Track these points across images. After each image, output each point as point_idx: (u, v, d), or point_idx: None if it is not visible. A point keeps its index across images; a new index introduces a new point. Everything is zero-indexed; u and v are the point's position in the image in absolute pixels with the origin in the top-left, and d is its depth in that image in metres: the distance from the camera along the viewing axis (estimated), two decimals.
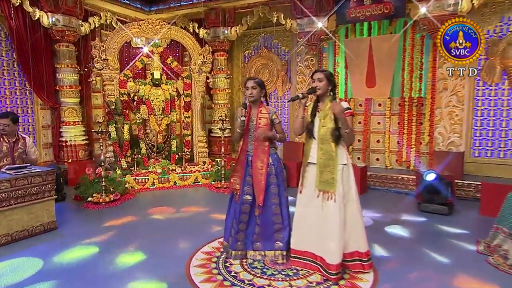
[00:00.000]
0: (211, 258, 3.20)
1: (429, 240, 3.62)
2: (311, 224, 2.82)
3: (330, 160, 2.70)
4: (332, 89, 2.83)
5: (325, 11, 6.07)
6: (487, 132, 5.50)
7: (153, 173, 5.91)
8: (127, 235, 3.80)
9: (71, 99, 6.29)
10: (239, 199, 3.16)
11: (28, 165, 3.92)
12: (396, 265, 3.05)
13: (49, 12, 5.85)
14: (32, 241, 3.58)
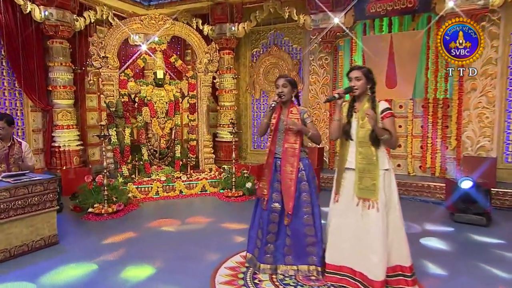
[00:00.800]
0: (237, 274, 3.10)
1: (474, 252, 3.56)
2: (349, 236, 2.75)
3: (371, 165, 2.64)
4: (371, 87, 2.78)
5: (342, 5, 6.08)
6: None
7: (157, 181, 5.81)
8: (139, 250, 3.69)
9: (64, 101, 6.19)
10: (266, 207, 3.10)
11: (26, 173, 3.83)
12: (443, 281, 2.98)
13: (41, 5, 5.76)
14: (33, 258, 3.46)
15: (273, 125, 3.10)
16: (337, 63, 6.66)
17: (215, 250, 3.65)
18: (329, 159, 6.80)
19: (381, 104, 2.69)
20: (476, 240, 3.90)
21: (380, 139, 2.59)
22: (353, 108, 2.80)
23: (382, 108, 2.69)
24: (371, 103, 2.71)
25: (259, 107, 7.63)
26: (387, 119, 2.64)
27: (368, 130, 2.65)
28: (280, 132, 3.10)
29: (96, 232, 4.21)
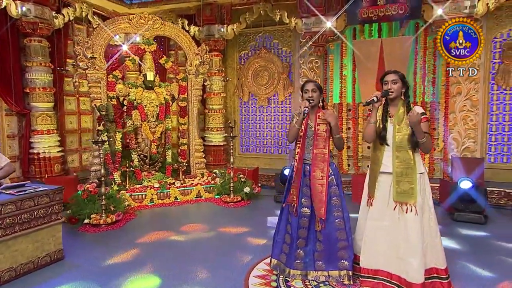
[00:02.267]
0: (269, 282, 3.11)
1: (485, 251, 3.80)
2: (386, 239, 2.85)
3: (409, 169, 2.76)
4: (405, 91, 2.90)
5: (334, 10, 6.25)
6: (502, 137, 5.96)
7: (150, 188, 5.65)
8: (153, 262, 3.57)
9: (44, 104, 5.87)
10: (297, 213, 3.13)
11: (27, 183, 3.60)
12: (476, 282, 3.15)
13: (18, 0, 5.44)
14: (40, 277, 3.25)
15: (302, 131, 3.14)
16: (327, 66, 6.83)
17: (237, 258, 3.63)
18: None
19: (416, 108, 2.81)
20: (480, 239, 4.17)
21: (420, 141, 2.70)
22: (387, 113, 2.90)
23: (418, 113, 2.81)
24: (406, 108, 2.82)
25: (248, 110, 7.63)
26: (424, 123, 2.77)
27: (406, 134, 2.76)
28: (309, 138, 3.14)
29: (101, 245, 4.02)
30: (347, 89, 6.72)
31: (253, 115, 7.60)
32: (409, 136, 2.76)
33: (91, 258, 3.65)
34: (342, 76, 6.73)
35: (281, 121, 7.36)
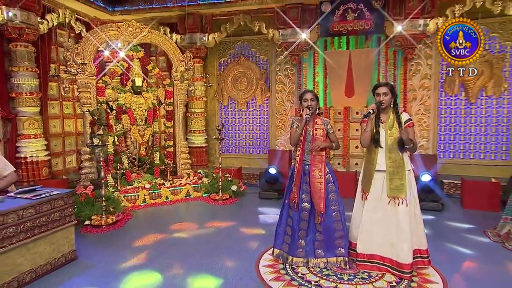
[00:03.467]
0: (278, 270, 3.32)
1: (446, 234, 4.27)
2: (380, 228, 3.16)
3: (399, 167, 3.10)
4: (394, 100, 3.23)
5: (308, 23, 6.59)
6: (449, 136, 6.63)
7: (142, 188, 5.62)
8: (163, 257, 3.64)
9: (31, 108, 5.64)
10: (298, 207, 3.37)
11: (38, 187, 3.52)
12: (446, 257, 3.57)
13: (4, 5, 5.20)
14: (58, 277, 3.22)
15: (301, 135, 3.37)
16: (301, 73, 7.15)
17: (239, 251, 3.80)
18: None
19: (404, 115, 3.16)
20: (443, 224, 4.66)
21: (408, 147, 3.05)
22: (379, 120, 3.21)
23: (405, 119, 3.16)
24: (395, 115, 3.16)
25: (227, 113, 7.77)
26: (410, 128, 3.12)
27: (396, 139, 3.09)
28: (308, 142, 3.39)
29: (107, 245, 4.01)
30: (319, 94, 7.07)
31: (232, 118, 7.75)
32: (398, 140, 3.09)
33: (103, 257, 3.65)
34: (315, 83, 7.08)
35: (259, 123, 7.59)
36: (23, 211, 2.99)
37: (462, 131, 6.60)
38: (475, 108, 6.51)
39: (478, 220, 4.72)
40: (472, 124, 6.55)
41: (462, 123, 6.59)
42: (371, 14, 6.22)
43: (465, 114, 6.56)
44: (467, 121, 6.56)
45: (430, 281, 3.07)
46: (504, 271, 3.32)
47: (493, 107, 6.42)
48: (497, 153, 6.47)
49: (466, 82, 6.45)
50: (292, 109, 7.18)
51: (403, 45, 6.35)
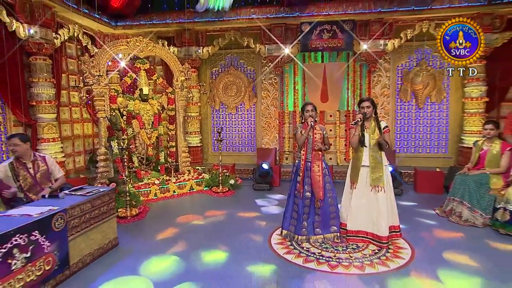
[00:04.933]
0: (287, 246, 3.91)
1: (407, 213, 5.07)
2: (364, 210, 3.82)
3: (379, 163, 3.78)
4: (375, 111, 3.90)
5: (290, 40, 7.18)
6: (404, 135, 7.54)
7: (152, 184, 5.98)
8: (190, 239, 4.09)
9: (49, 115, 5.80)
10: (302, 196, 3.97)
11: (84, 186, 3.85)
12: (409, 234, 4.33)
13: (26, 23, 5.32)
14: (109, 259, 3.60)
15: (305, 138, 3.95)
16: (283, 82, 7.75)
17: (251, 229, 4.35)
18: (279, 157, 7.88)
19: (382, 123, 3.84)
20: (401, 205, 5.48)
21: (385, 148, 3.74)
22: (364, 126, 3.87)
23: (383, 126, 3.83)
24: (376, 122, 3.83)
25: (219, 116, 8.22)
26: (386, 134, 3.81)
27: (377, 141, 3.77)
28: (309, 144, 3.98)
29: (137, 232, 4.38)
30: (298, 100, 7.73)
31: (223, 120, 8.21)
32: (378, 142, 3.77)
33: (137, 243, 4.03)
34: (295, 90, 7.71)
35: (247, 125, 8.12)
36: (84, 205, 3.35)
37: (413, 130, 7.53)
38: (422, 112, 7.46)
39: (428, 201, 5.58)
40: (421, 125, 7.50)
41: (413, 124, 7.52)
42: (342, 34, 6.93)
43: (415, 116, 7.50)
44: (417, 122, 7.50)
45: (401, 247, 3.81)
46: (450, 236, 4.14)
47: (435, 111, 7.40)
48: (440, 148, 7.47)
49: (416, 91, 7.37)
50: (276, 112, 7.76)
51: (368, 60, 7.14)
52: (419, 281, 3.11)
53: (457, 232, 4.27)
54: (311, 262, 3.47)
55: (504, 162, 4.42)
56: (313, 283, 3.07)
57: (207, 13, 7.00)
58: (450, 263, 3.44)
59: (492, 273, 3.22)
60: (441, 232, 4.31)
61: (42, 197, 3.55)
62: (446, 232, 4.29)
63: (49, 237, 2.89)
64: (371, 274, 3.23)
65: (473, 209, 4.45)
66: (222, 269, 3.37)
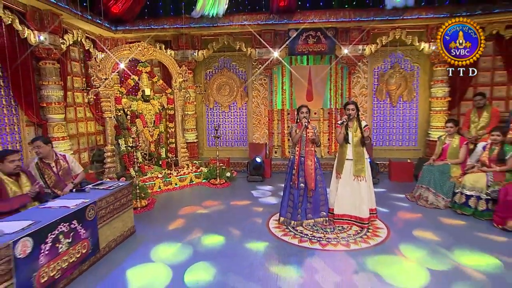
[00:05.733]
0: (284, 229, 4.37)
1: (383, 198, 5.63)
2: (348, 196, 4.33)
3: (361, 157, 4.28)
4: (357, 112, 4.37)
5: (279, 44, 7.57)
6: (379, 130, 8.13)
7: (156, 178, 6.29)
8: (197, 226, 4.47)
9: (58, 115, 5.99)
10: (297, 187, 4.42)
11: (105, 182, 4.16)
12: (385, 214, 4.88)
13: (36, 30, 5.48)
14: (130, 244, 3.95)
15: (300, 137, 4.39)
16: (272, 83, 8.15)
17: (250, 215, 4.78)
18: (269, 151, 8.32)
19: (363, 122, 4.32)
20: (380, 192, 6.04)
21: (366, 142, 4.24)
22: (348, 126, 4.34)
23: (364, 125, 4.31)
24: (358, 122, 4.32)
25: (213, 114, 8.55)
26: (367, 131, 4.30)
27: (358, 138, 4.26)
28: (303, 141, 4.42)
29: (149, 221, 4.70)
30: (286, 99, 8.17)
31: (217, 118, 8.55)
32: (361, 139, 4.27)
33: (151, 230, 4.36)
34: (283, 90, 8.14)
35: (239, 122, 8.49)
36: (108, 197, 3.68)
37: (388, 126, 8.13)
38: (396, 109, 8.05)
39: (400, 188, 6.17)
40: (394, 121, 8.11)
41: (388, 120, 8.11)
42: (326, 40, 7.38)
43: (390, 113, 8.09)
44: (391, 119, 8.10)
45: (379, 227, 4.35)
46: (418, 216, 4.71)
47: (407, 109, 8.01)
48: (410, 141, 8.11)
49: (390, 91, 7.95)
50: (266, 110, 8.17)
51: (348, 63, 7.64)
52: (394, 254, 3.64)
53: (424, 213, 4.86)
54: (305, 242, 3.95)
55: (462, 154, 5.03)
56: (308, 259, 3.54)
57: (202, 19, 7.28)
58: (418, 239, 4.00)
59: (449, 244, 3.80)
60: (411, 213, 4.89)
61: (70, 191, 3.85)
62: (415, 214, 4.87)
63: (84, 225, 3.22)
64: (355, 250, 3.74)
65: (437, 194, 5.05)
66: (229, 249, 3.79)
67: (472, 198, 4.56)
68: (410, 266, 3.36)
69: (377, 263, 3.40)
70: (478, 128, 5.65)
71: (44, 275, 2.69)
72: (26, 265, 2.52)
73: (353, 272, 3.26)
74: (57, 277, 2.85)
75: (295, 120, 4.51)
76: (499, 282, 3.05)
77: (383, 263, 3.42)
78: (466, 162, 5.00)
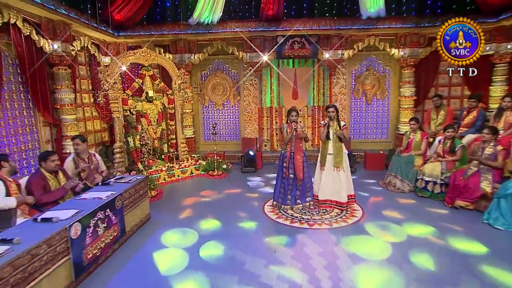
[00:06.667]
0: (277, 213, 4.97)
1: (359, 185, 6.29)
2: (331, 184, 4.95)
3: (340, 151, 4.89)
4: (337, 114, 4.97)
5: (268, 49, 8.06)
6: (356, 124, 8.81)
7: (161, 171, 6.75)
8: (204, 213, 5.01)
9: (71, 116, 6.33)
10: (288, 177, 5.01)
11: (125, 176, 4.63)
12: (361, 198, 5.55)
13: (50, 39, 5.77)
14: (147, 229, 4.46)
15: (290, 137, 4.94)
16: (261, 83, 8.66)
17: (247, 202, 5.36)
18: (260, 145, 8.88)
19: (342, 122, 4.93)
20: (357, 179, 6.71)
21: (343, 140, 4.86)
22: (329, 125, 4.94)
23: (342, 124, 4.93)
24: (337, 122, 4.92)
25: (208, 112, 9.01)
26: (345, 130, 4.92)
27: (339, 133, 4.87)
28: (293, 138, 4.98)
29: (161, 209, 5.18)
30: (274, 98, 8.70)
31: (212, 115, 9.01)
32: (338, 137, 4.88)
33: (163, 216, 4.83)
34: (271, 90, 8.66)
35: (232, 118, 8.99)
36: (130, 189, 4.17)
37: (364, 121, 8.82)
38: (370, 106, 8.74)
39: (374, 176, 6.88)
40: (369, 117, 8.80)
41: (363, 116, 8.80)
42: (309, 45, 7.92)
43: (365, 110, 8.78)
44: (367, 115, 8.79)
45: (355, 209, 5.01)
46: (387, 199, 5.40)
47: (380, 106, 8.72)
48: (382, 135, 8.85)
49: (365, 90, 8.62)
50: (256, 108, 8.69)
51: (329, 66, 8.22)
52: (367, 229, 4.31)
53: (392, 197, 5.56)
54: (296, 222, 4.56)
55: (423, 147, 5.76)
56: (298, 236, 4.16)
57: (198, 26, 7.67)
58: (387, 217, 4.69)
59: (410, 219, 4.51)
60: (382, 197, 5.59)
61: (96, 185, 4.31)
62: (385, 197, 5.57)
63: (114, 213, 3.71)
64: (336, 228, 4.38)
65: (403, 181, 5.77)
66: (232, 230, 4.35)
67: (430, 183, 5.29)
68: (377, 240, 4.03)
69: (352, 238, 4.06)
70: (437, 125, 6.38)
71: (89, 253, 3.19)
72: (78, 244, 3.01)
73: (334, 244, 3.91)
74: (98, 254, 3.35)
75: (287, 120, 5.07)
76: (433, 244, 3.79)
77: (357, 238, 4.08)
78: (426, 153, 5.72)
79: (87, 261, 3.14)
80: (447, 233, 4.09)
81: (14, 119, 5.41)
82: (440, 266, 3.36)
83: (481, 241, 3.84)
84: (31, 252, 2.44)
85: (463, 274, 3.19)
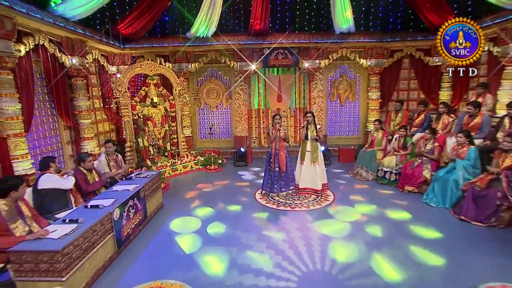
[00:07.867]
0: (266, 199, 5.86)
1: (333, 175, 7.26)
2: (309, 175, 5.85)
3: (316, 149, 5.80)
4: (314, 118, 5.86)
5: (255, 58, 8.85)
6: (331, 123, 9.77)
7: (165, 166, 7.51)
8: (209, 201, 5.84)
9: (87, 120, 6.96)
10: (273, 170, 5.89)
11: (143, 172, 5.40)
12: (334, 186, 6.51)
13: (69, 55, 6.38)
14: (162, 214, 5.26)
15: (275, 137, 5.81)
16: (250, 88, 9.45)
17: (241, 191, 6.23)
18: (249, 142, 9.72)
19: (318, 125, 5.83)
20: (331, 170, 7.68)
21: (318, 140, 5.76)
22: (307, 127, 5.83)
23: (318, 127, 5.83)
24: (314, 125, 5.82)
25: (203, 113, 9.75)
26: (320, 132, 5.82)
27: (314, 136, 5.78)
28: (277, 138, 5.86)
29: (171, 198, 5.98)
30: (261, 101, 9.52)
31: (207, 116, 9.77)
32: (314, 138, 5.78)
33: (174, 205, 5.63)
34: (259, 94, 9.48)
35: (224, 119, 9.77)
36: (149, 183, 4.95)
37: (338, 120, 9.78)
38: (344, 108, 9.70)
39: (346, 167, 7.85)
40: (343, 116, 9.77)
41: (338, 116, 9.76)
42: (291, 56, 8.76)
43: (339, 111, 9.73)
44: (341, 115, 9.75)
45: (329, 195, 5.95)
46: (355, 187, 6.38)
47: (352, 108, 9.68)
48: (354, 132, 9.84)
49: (339, 94, 9.56)
50: (245, 110, 9.50)
51: (308, 73, 9.09)
52: (337, 210, 5.26)
53: (358, 185, 6.54)
54: (281, 206, 5.47)
55: (383, 143, 6.76)
56: (282, 217, 5.06)
57: (195, 39, 8.36)
58: (353, 200, 5.66)
59: (372, 202, 5.49)
60: (350, 185, 6.56)
61: (120, 179, 5.06)
62: (353, 185, 6.55)
63: (139, 201, 4.50)
64: (313, 210, 5.31)
65: (368, 171, 6.77)
66: (230, 213, 5.21)
67: (387, 173, 6.30)
68: (341, 220, 4.99)
69: (325, 218, 5.00)
70: (395, 125, 7.40)
71: (125, 231, 3.99)
72: (118, 225, 3.81)
73: (309, 222, 4.83)
74: (130, 233, 4.15)
75: (272, 123, 5.92)
76: (374, 217, 4.83)
77: (328, 218, 5.02)
78: (386, 148, 6.73)
79: (124, 237, 3.94)
80: (388, 209, 5.11)
81: (42, 125, 6.04)
82: (383, 231, 4.35)
83: (410, 211, 4.94)
84: (93, 228, 3.23)
85: (398, 234, 4.21)
